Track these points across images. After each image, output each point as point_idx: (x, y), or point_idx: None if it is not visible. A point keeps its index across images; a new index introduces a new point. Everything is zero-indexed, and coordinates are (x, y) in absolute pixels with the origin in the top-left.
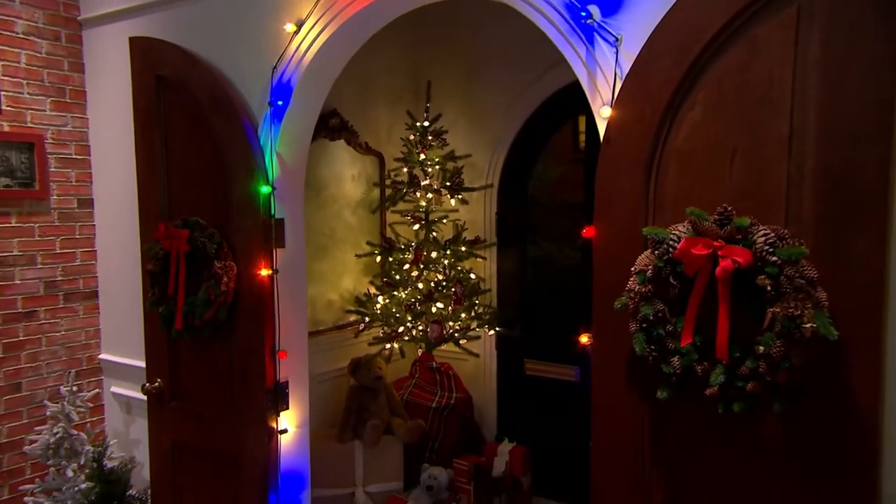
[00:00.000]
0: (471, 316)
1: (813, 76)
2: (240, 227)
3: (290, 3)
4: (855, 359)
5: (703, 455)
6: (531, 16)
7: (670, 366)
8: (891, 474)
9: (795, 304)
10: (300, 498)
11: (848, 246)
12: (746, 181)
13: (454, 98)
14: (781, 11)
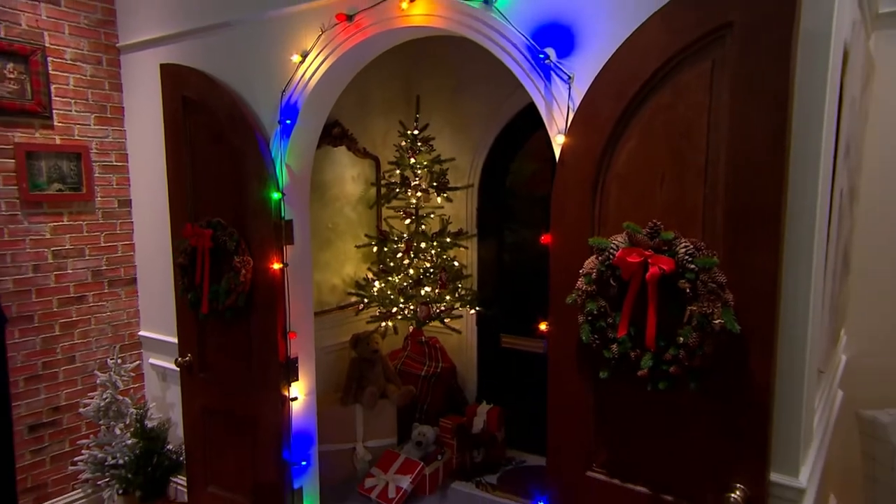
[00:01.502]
0: (454, 297)
1: (723, 116)
2: (255, 227)
3: (297, 37)
4: (753, 347)
5: (635, 420)
6: (499, 55)
7: (610, 351)
8: (779, 433)
9: (708, 304)
10: (309, 453)
11: (750, 257)
12: (672, 201)
13: (440, 109)
14: (699, 63)
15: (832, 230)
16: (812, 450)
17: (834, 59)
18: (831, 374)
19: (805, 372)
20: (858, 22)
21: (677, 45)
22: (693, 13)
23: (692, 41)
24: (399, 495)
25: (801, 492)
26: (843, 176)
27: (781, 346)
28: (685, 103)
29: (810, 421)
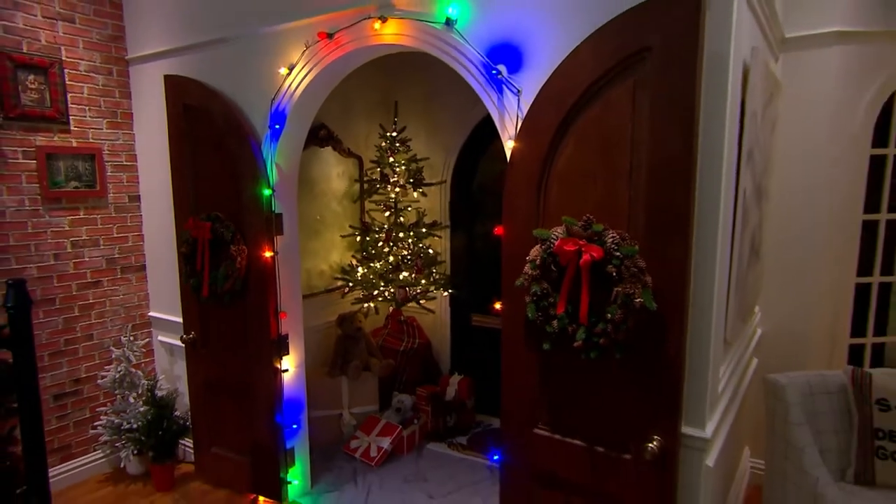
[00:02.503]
0: (429, 281)
1: (644, 127)
2: (249, 219)
3: (284, 52)
4: (668, 322)
5: (572, 384)
6: (459, 70)
7: (551, 326)
8: (689, 394)
9: (631, 286)
10: (299, 418)
11: (665, 246)
12: (602, 198)
13: (416, 114)
14: (624, 81)
15: (737, 223)
16: (719, 408)
17: (733, 78)
18: (744, 345)
19: (711, 344)
20: (761, 46)
21: (605, 65)
22: (618, 39)
23: (617, 62)
24: (380, 454)
25: (706, 441)
26: (746, 177)
27: (692, 321)
28: (613, 115)
29: (716, 384)
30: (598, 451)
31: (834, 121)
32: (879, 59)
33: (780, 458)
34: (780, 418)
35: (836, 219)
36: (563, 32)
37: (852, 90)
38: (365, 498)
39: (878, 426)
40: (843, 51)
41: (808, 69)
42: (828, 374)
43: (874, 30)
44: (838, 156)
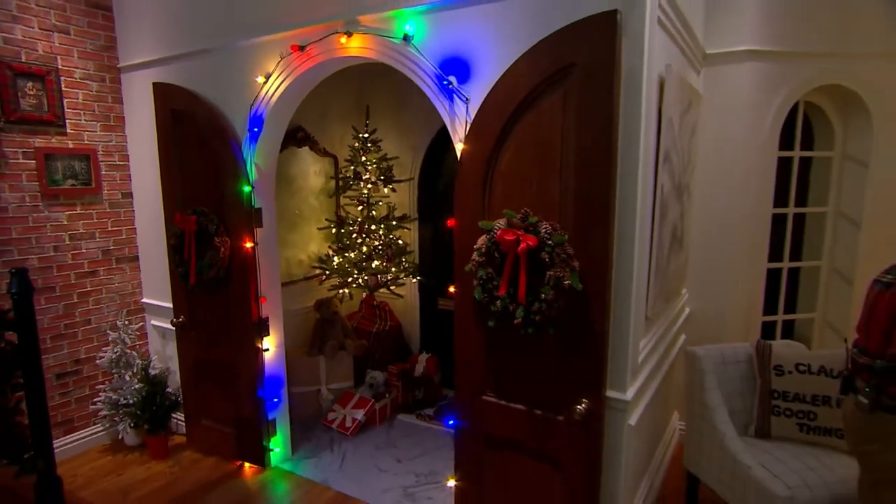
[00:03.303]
0: (399, 269)
1: (572, 132)
2: (231, 213)
3: (261, 62)
4: (593, 301)
5: (514, 356)
6: (416, 80)
7: (495, 306)
8: (612, 363)
9: (561, 269)
10: (280, 392)
11: (590, 235)
12: (538, 195)
13: (386, 117)
14: (554, 92)
15: (656, 215)
16: (641, 375)
17: (647, 90)
18: (671, 322)
19: (631, 320)
20: (677, 62)
21: (539, 78)
22: (548, 56)
23: (548, 76)
24: (354, 425)
25: (627, 403)
26: (663, 175)
27: (614, 300)
28: (545, 122)
29: (636, 355)
30: (536, 414)
31: (747, 127)
32: (783, 74)
33: (697, 419)
34: (698, 384)
35: (750, 212)
36: (504, 48)
37: (762, 100)
38: (340, 463)
39: (775, 388)
40: (753, 66)
41: (725, 81)
42: (738, 346)
43: (778, 49)
44: (751, 157)
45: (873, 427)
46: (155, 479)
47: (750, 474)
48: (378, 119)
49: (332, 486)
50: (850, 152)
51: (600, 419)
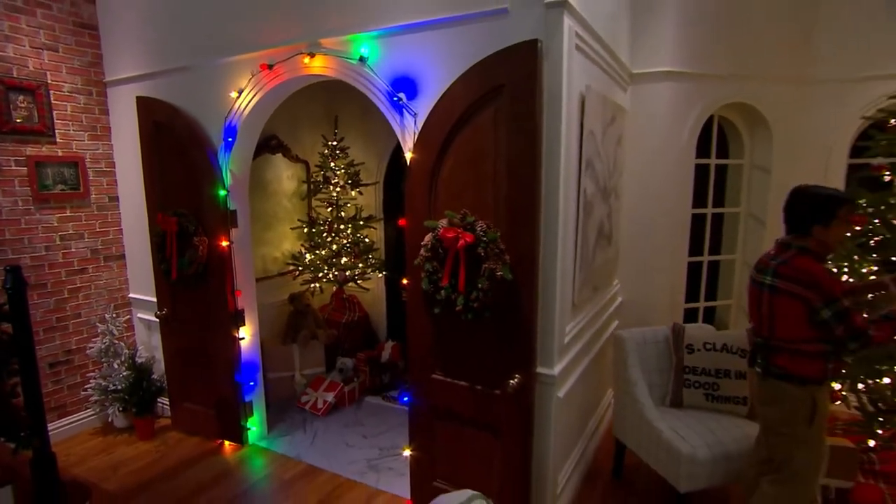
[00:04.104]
0: (366, 265)
1: (502, 145)
2: (208, 215)
3: (235, 79)
4: (523, 290)
5: (457, 339)
6: (371, 97)
7: (440, 295)
8: (541, 343)
9: (494, 262)
10: (255, 377)
11: (519, 233)
12: (475, 197)
13: (354, 126)
14: (487, 109)
15: (580, 215)
16: (569, 354)
17: (567, 107)
18: (602, 309)
19: (556, 306)
20: (598, 81)
21: (474, 97)
22: (481, 77)
23: (482, 95)
24: (325, 406)
25: (555, 377)
26: (586, 180)
27: (541, 289)
28: (480, 135)
29: (562, 336)
30: (477, 389)
31: (668, 137)
32: (697, 92)
33: (622, 393)
34: (622, 362)
35: (672, 213)
36: (445, 70)
37: (680, 115)
38: (312, 440)
39: (686, 364)
40: (672, 85)
41: (648, 98)
42: (657, 329)
43: (692, 71)
44: (672, 164)
45: (765, 390)
46: (142, 457)
47: (662, 437)
48: (346, 128)
49: (303, 460)
50: (757, 161)
51: (531, 392)
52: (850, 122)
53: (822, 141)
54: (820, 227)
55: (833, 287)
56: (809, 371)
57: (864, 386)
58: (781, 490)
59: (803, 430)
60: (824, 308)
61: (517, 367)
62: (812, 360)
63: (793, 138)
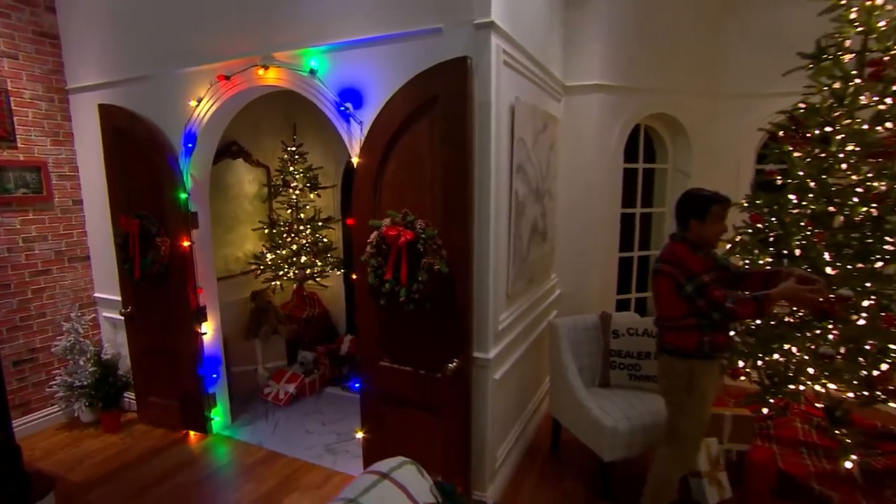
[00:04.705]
0: (325, 264)
1: (438, 151)
2: (170, 217)
3: (194, 88)
4: (459, 283)
5: (402, 328)
6: (321, 106)
7: (384, 288)
8: (476, 331)
9: (432, 257)
10: (218, 370)
11: (454, 230)
12: (415, 198)
13: (312, 132)
14: (424, 118)
15: (512, 215)
16: (504, 340)
17: (497, 117)
18: (537, 298)
19: (490, 296)
20: (528, 93)
21: (412, 107)
22: (418, 90)
23: (419, 106)
24: (286, 397)
25: (490, 361)
26: (517, 183)
27: (476, 281)
28: (418, 142)
29: (497, 324)
30: (421, 374)
31: (598, 144)
32: (623, 103)
33: (556, 375)
34: (556, 348)
35: (603, 212)
36: (387, 82)
37: (608, 123)
38: (273, 428)
39: (612, 348)
40: (600, 97)
41: (580, 108)
42: (588, 316)
43: (618, 84)
44: (602, 168)
45: (659, 365)
46: (109, 449)
47: (590, 414)
48: (304, 134)
49: (265, 447)
50: (678, 165)
51: (468, 375)
52: (754, 133)
53: (733, 148)
54: (696, 221)
55: (694, 265)
56: (688, 343)
57: (763, 363)
58: (670, 453)
59: (685, 398)
60: (687, 283)
61: (455, 352)
62: (689, 334)
63: (709, 146)
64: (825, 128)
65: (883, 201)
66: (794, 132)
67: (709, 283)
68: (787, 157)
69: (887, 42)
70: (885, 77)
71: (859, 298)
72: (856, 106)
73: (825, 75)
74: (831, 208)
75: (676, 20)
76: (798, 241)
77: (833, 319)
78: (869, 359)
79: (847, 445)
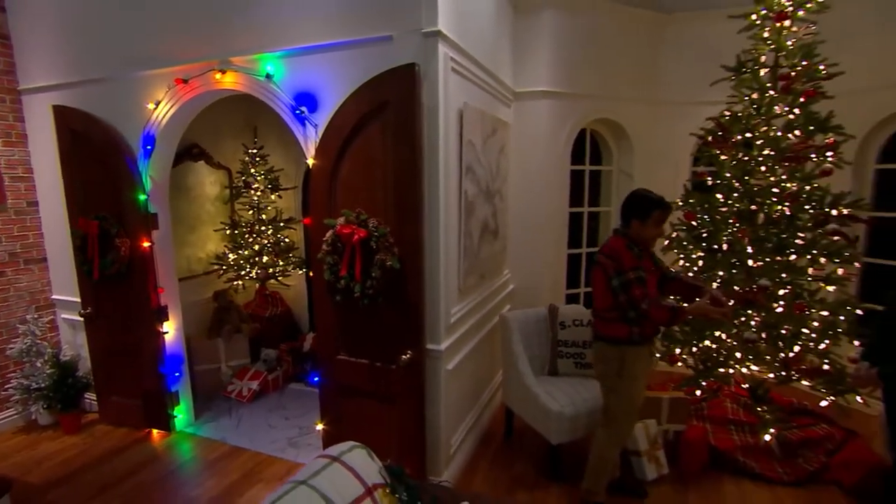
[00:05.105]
0: (287, 263)
1: (390, 153)
2: (129, 218)
3: (152, 91)
4: (411, 278)
5: (357, 322)
6: (277, 110)
7: (340, 284)
8: (429, 323)
9: (385, 254)
10: (181, 368)
11: (405, 228)
12: (368, 198)
13: (273, 134)
14: (376, 121)
15: (462, 213)
16: (456, 333)
17: (445, 121)
18: (490, 293)
19: (441, 291)
20: (477, 99)
21: (364, 110)
22: (370, 94)
23: (370, 110)
24: (250, 393)
25: (442, 352)
26: (467, 183)
27: (427, 277)
28: (370, 144)
29: (448, 317)
30: (377, 366)
31: (547, 147)
32: (570, 109)
33: (508, 365)
34: (507, 339)
35: (552, 212)
36: (341, 86)
37: (556, 128)
38: (237, 424)
39: (560, 338)
40: (548, 102)
41: (529, 113)
42: (538, 309)
43: (564, 91)
44: (551, 170)
45: (594, 351)
46: (68, 450)
47: (538, 401)
48: (265, 136)
49: (228, 442)
50: (622, 167)
51: (422, 366)
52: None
53: (671, 152)
54: (638, 221)
55: (626, 261)
56: (617, 333)
57: (697, 349)
58: (606, 432)
59: (616, 381)
60: (615, 277)
61: (409, 344)
62: (617, 325)
63: (650, 149)
64: (747, 134)
65: (795, 200)
66: (721, 137)
67: (633, 280)
68: (715, 160)
69: (794, 59)
70: (793, 90)
71: (777, 288)
72: (771, 115)
73: (745, 86)
74: (753, 207)
75: (618, 32)
76: (726, 237)
77: (756, 308)
78: (785, 342)
79: (767, 421)
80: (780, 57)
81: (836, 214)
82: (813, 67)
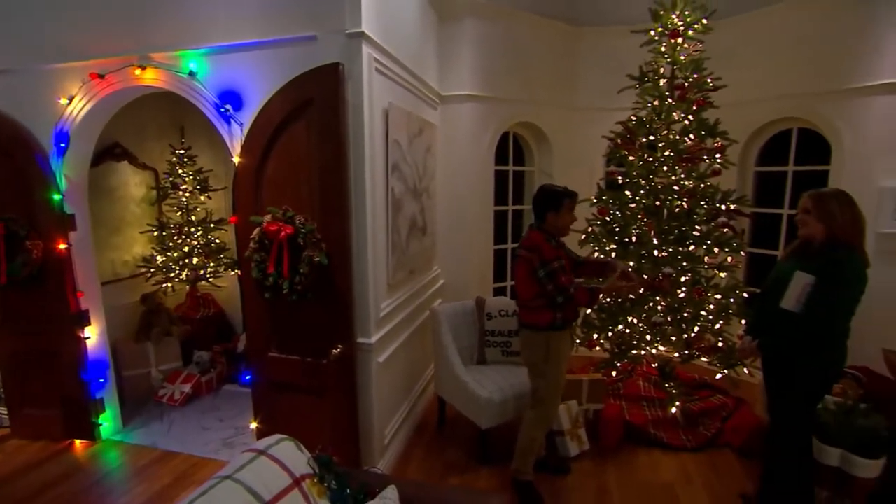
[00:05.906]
0: (218, 264)
1: (315, 150)
2: (42, 219)
3: (64, 85)
4: (339, 274)
5: (287, 319)
6: (202, 108)
7: (268, 281)
8: (358, 317)
9: (312, 250)
10: (105, 374)
11: (332, 224)
12: (295, 195)
13: (202, 134)
14: (302, 119)
15: (389, 210)
16: (386, 326)
17: (370, 119)
18: (420, 287)
19: (370, 286)
20: (405, 99)
21: (289, 108)
22: (295, 92)
23: (295, 108)
24: (182, 397)
25: (373, 345)
26: (393, 181)
27: (355, 272)
28: (296, 142)
29: (378, 311)
30: (308, 361)
31: (472, 148)
32: (492, 112)
33: (439, 356)
34: (437, 331)
35: (478, 210)
36: (266, 84)
37: (480, 130)
38: (168, 428)
39: (487, 328)
40: (473, 106)
41: (455, 115)
42: (466, 302)
43: (487, 95)
44: (477, 170)
45: (521, 339)
46: None
47: (467, 388)
48: (194, 136)
49: (159, 447)
50: (543, 168)
51: (353, 359)
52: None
53: (587, 153)
54: (553, 213)
55: (548, 253)
56: (541, 320)
57: (612, 334)
58: (535, 414)
59: (542, 365)
60: (541, 268)
61: (339, 338)
62: (542, 313)
63: (568, 151)
64: (650, 137)
65: (692, 196)
66: (629, 140)
67: (558, 269)
68: (624, 160)
69: (686, 72)
70: (687, 99)
71: (679, 275)
72: (670, 120)
73: (648, 94)
74: (657, 202)
75: (536, 42)
76: (635, 230)
77: (662, 293)
78: (687, 324)
79: (673, 395)
80: (675, 69)
81: (724, 209)
82: (702, 80)
